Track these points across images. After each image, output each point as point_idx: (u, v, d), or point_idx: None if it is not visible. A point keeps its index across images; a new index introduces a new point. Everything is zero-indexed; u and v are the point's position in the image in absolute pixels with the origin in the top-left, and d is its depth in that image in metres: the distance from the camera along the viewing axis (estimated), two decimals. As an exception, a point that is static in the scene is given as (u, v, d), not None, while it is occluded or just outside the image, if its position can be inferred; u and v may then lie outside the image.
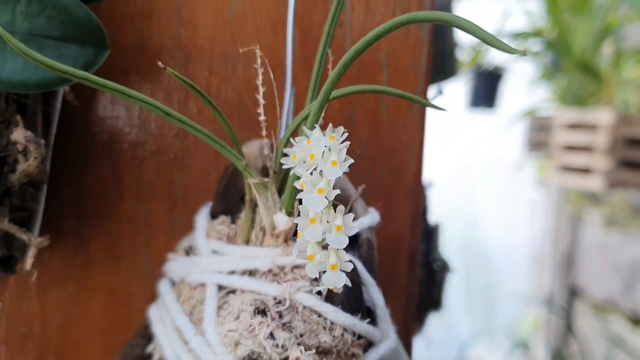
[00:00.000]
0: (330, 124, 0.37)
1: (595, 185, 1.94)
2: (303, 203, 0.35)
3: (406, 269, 0.56)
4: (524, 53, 0.28)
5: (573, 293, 2.91)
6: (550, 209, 3.03)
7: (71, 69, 0.34)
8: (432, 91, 0.66)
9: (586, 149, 2.01)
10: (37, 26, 0.39)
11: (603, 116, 1.91)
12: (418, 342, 0.85)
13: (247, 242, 0.44)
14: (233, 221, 0.47)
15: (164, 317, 0.46)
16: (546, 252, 3.05)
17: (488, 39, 0.29)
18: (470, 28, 0.30)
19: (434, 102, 0.44)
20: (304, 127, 0.36)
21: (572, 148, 2.11)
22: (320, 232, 0.35)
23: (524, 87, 2.81)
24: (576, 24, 2.27)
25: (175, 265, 0.47)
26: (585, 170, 2.02)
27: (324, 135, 0.36)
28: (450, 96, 2.69)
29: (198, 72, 0.52)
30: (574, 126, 2.11)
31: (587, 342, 2.56)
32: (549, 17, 2.38)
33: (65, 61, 0.39)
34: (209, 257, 0.44)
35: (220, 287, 0.43)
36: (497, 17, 2.56)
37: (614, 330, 2.44)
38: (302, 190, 0.35)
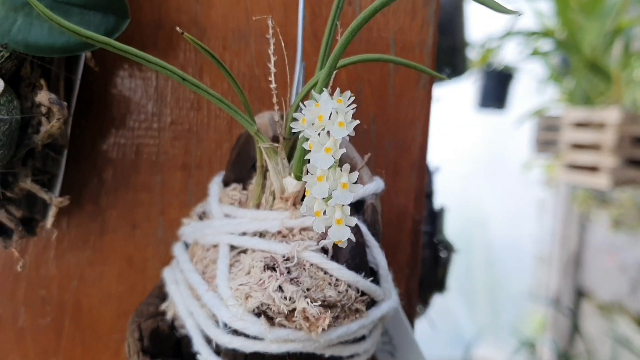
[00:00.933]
0: (338, 88, 0.39)
1: (602, 183, 1.95)
2: (311, 162, 0.37)
3: (409, 241, 0.58)
4: (519, 14, 0.30)
5: (580, 293, 2.91)
6: (558, 209, 3.03)
7: (94, 34, 0.37)
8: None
9: (593, 147, 2.02)
10: (63, -6, 0.41)
11: (610, 115, 1.92)
12: (422, 323, 0.87)
13: (257, 206, 0.46)
14: (244, 188, 0.49)
15: (178, 276, 0.48)
16: (553, 252, 3.05)
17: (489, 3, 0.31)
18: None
19: (440, 83, 0.47)
20: (313, 91, 0.39)
21: (579, 146, 2.12)
22: (326, 189, 0.37)
23: (533, 87, 2.81)
24: (586, 24, 2.28)
25: (189, 229, 0.49)
26: (593, 168, 2.03)
27: (332, 98, 0.38)
28: (460, 96, 2.71)
29: (212, 47, 0.54)
30: (582, 125, 2.12)
31: (593, 343, 2.56)
32: (559, 17, 2.39)
33: (88, 28, 0.42)
34: (221, 220, 0.46)
35: (232, 247, 0.45)
36: (507, 17, 2.57)
37: (620, 331, 2.44)
38: (311, 151, 0.38)
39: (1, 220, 0.46)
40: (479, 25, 2.43)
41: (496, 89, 2.78)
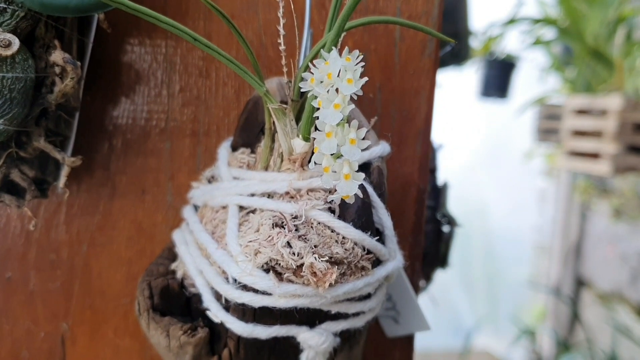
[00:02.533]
0: (347, 47, 0.40)
1: (603, 170, 1.96)
2: (320, 118, 0.38)
3: (414, 209, 0.59)
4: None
5: (580, 283, 2.93)
6: (559, 199, 3.04)
7: (108, -7, 0.38)
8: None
9: (595, 134, 2.03)
10: (78, -45, 0.42)
11: (612, 102, 1.93)
12: (424, 299, 0.88)
13: (265, 168, 0.47)
14: (252, 152, 0.50)
15: (187, 237, 0.49)
16: (554, 242, 3.07)
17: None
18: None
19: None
20: (322, 50, 0.39)
21: (581, 133, 2.13)
22: (335, 144, 0.38)
23: (536, 76, 2.81)
24: (589, 13, 2.28)
25: (199, 192, 0.50)
26: (594, 155, 2.04)
27: (340, 57, 0.39)
28: (462, 84, 2.71)
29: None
30: (583, 112, 2.12)
31: (593, 332, 2.58)
32: (562, 6, 2.39)
33: (102, -11, 0.43)
34: (230, 182, 0.47)
35: (241, 208, 0.46)
36: (511, 4, 2.57)
37: (620, 320, 2.45)
38: (320, 108, 0.38)
39: (14, 180, 0.47)
40: (481, 13, 2.43)
41: (498, 77, 2.79)
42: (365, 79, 0.38)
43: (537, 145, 2.87)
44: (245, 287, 0.42)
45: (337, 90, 0.38)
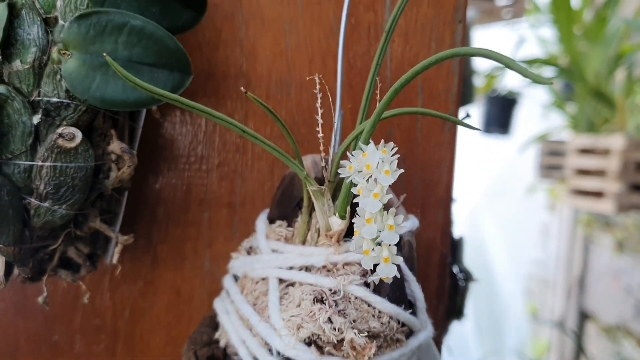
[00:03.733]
0: (382, 140, 0.43)
1: (607, 209, 1.99)
2: (360, 206, 0.42)
3: (437, 273, 0.62)
4: (551, 82, 0.34)
5: (584, 316, 2.94)
6: (562, 233, 3.06)
7: (165, 92, 0.41)
8: (461, 114, 0.72)
9: (598, 173, 2.07)
10: (135, 54, 0.46)
11: (614, 141, 1.97)
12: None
13: (303, 242, 0.51)
14: (289, 225, 0.53)
15: (229, 307, 0.52)
16: (557, 275, 3.08)
17: (523, 72, 0.36)
18: (507, 62, 0.36)
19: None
20: (360, 143, 0.43)
21: (584, 172, 2.16)
22: (375, 230, 0.42)
23: (538, 113, 2.85)
24: (589, 51, 2.32)
25: (238, 262, 0.53)
26: (598, 194, 2.07)
27: (377, 149, 0.42)
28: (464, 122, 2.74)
29: (257, 96, 0.58)
30: (587, 151, 2.16)
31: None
32: (562, 44, 2.43)
33: (156, 84, 0.47)
34: (269, 255, 0.51)
35: (281, 281, 0.49)
36: (512, 44, 2.62)
37: (625, 353, 2.46)
38: (357, 196, 0.42)
39: (70, 256, 0.51)
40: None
41: (500, 114, 2.83)
42: (401, 170, 0.42)
43: (540, 181, 2.91)
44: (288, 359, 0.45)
45: (375, 180, 0.42)
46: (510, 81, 2.83)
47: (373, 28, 0.59)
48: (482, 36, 2.50)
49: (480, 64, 2.49)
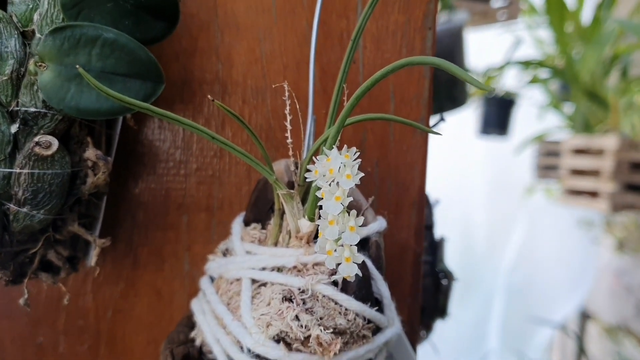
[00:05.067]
0: (345, 145, 0.45)
1: (602, 208, 2.00)
2: (323, 208, 0.43)
3: (411, 272, 0.64)
4: (492, 89, 0.36)
5: (585, 316, 2.94)
6: (562, 233, 3.07)
7: (135, 101, 0.43)
8: (434, 119, 0.74)
9: (593, 173, 2.08)
10: (108, 65, 0.48)
11: (608, 141, 1.98)
12: (425, 348, 0.92)
13: (275, 244, 0.53)
14: (263, 227, 0.55)
15: (205, 307, 0.54)
16: (558, 275, 3.09)
17: (472, 82, 0.37)
18: (455, 71, 0.38)
19: (436, 128, 0.53)
20: (324, 148, 0.45)
21: (579, 172, 2.18)
22: (337, 231, 0.43)
23: (534, 113, 2.86)
24: (585, 51, 2.33)
25: (215, 264, 0.55)
26: (592, 194, 2.08)
27: (340, 154, 0.44)
28: (461, 123, 2.76)
29: (233, 102, 0.61)
30: (581, 151, 2.17)
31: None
32: (557, 45, 2.44)
33: (129, 94, 0.48)
34: (243, 257, 0.53)
35: (254, 281, 0.51)
36: (508, 45, 2.63)
37: (626, 353, 2.46)
38: (323, 199, 0.44)
39: (51, 259, 0.53)
40: (479, 54, 2.49)
41: (497, 115, 2.83)
42: (362, 174, 0.43)
43: (538, 182, 2.92)
44: (258, 356, 0.46)
45: (337, 183, 0.44)
46: (507, 82, 2.84)
47: (346, 35, 0.61)
48: (477, 38, 2.51)
49: (477, 65, 2.50)
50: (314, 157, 0.45)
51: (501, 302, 3.31)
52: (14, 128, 0.47)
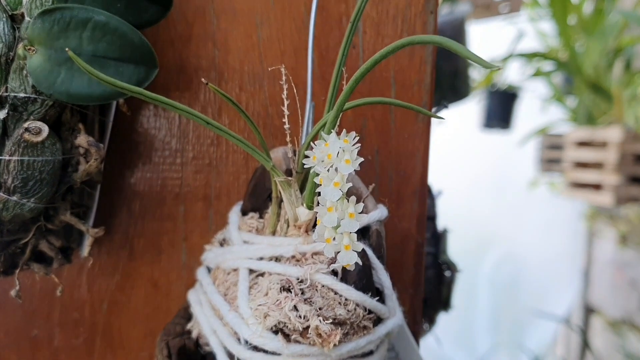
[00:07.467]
0: (344, 130, 0.44)
1: (606, 201, 1.99)
2: (322, 194, 0.42)
3: (413, 262, 0.62)
4: (498, 68, 0.35)
5: (589, 309, 2.93)
6: (565, 226, 3.06)
7: (128, 85, 0.42)
8: (436, 107, 0.73)
9: (596, 165, 2.06)
10: (100, 49, 0.46)
11: (612, 133, 1.96)
12: (428, 340, 0.91)
13: (273, 233, 0.51)
14: (261, 216, 0.54)
15: (202, 298, 0.53)
16: (561, 269, 3.08)
17: (476, 59, 0.36)
18: (458, 49, 0.37)
19: (438, 114, 0.51)
20: (322, 132, 0.44)
21: (583, 165, 2.16)
22: (335, 218, 0.42)
23: (537, 106, 2.85)
24: (588, 44, 2.32)
25: (211, 254, 0.54)
26: (596, 186, 2.07)
27: (339, 138, 0.43)
28: (464, 117, 2.75)
29: (230, 88, 0.59)
30: (585, 144, 2.16)
31: (603, 359, 2.57)
32: (560, 37, 2.43)
33: (121, 78, 0.47)
34: (241, 246, 0.51)
35: (251, 271, 0.50)
36: (511, 37, 2.62)
37: (630, 346, 2.45)
38: (321, 185, 0.43)
39: (43, 250, 0.51)
40: (482, 46, 2.48)
41: (500, 108, 2.82)
42: (361, 159, 0.42)
43: (541, 175, 2.90)
44: (256, 348, 0.45)
45: (336, 169, 0.42)
46: (510, 75, 2.82)
47: (345, 20, 0.60)
48: (479, 31, 2.49)
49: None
50: (312, 143, 0.44)
51: (499, 295, 3.31)
52: (2, 114, 0.46)
